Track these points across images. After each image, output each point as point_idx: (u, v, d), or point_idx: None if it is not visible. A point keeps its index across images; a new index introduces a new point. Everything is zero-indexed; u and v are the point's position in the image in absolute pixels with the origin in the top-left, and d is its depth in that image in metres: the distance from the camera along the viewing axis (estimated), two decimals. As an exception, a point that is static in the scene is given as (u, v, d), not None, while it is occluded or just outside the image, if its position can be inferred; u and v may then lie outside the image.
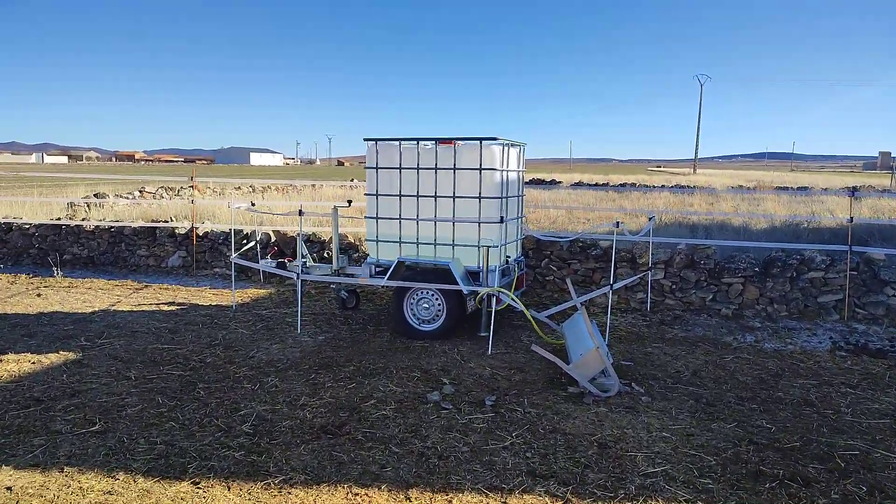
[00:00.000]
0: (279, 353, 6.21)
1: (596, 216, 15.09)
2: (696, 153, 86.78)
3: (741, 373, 5.92)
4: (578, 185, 35.61)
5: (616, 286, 6.91)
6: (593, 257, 8.72)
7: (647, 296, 8.36)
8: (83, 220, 11.50)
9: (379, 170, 7.19)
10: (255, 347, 6.40)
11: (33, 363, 5.82)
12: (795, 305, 8.05)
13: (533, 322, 6.43)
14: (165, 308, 8.07)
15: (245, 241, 10.13)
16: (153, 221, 11.17)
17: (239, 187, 24.36)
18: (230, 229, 10.50)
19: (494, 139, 6.70)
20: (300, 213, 7.05)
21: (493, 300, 6.52)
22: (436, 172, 6.93)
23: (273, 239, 10.21)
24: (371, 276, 7.35)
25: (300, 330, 7.02)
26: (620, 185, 33.46)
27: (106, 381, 5.38)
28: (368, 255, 7.47)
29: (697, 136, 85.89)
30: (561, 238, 7.46)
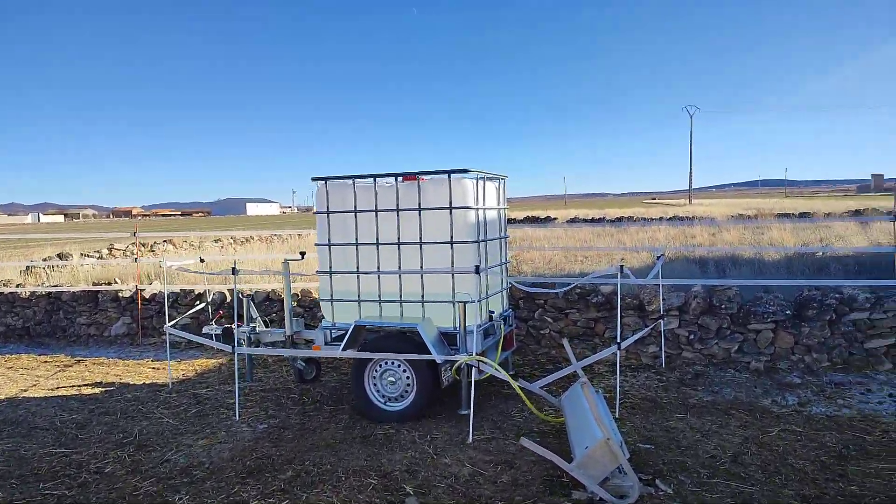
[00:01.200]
0: (203, 454, 4.87)
1: (594, 255, 13.86)
2: (690, 184, 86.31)
3: (794, 454, 4.58)
4: (574, 220, 34.58)
5: (625, 344, 5.63)
6: (594, 305, 7.44)
7: (660, 349, 7.05)
8: (17, 286, 10.24)
9: (331, 214, 5.98)
10: (176, 445, 5.07)
11: None
12: (839, 354, 6.74)
13: (524, 396, 5.11)
14: (87, 391, 6.74)
15: (198, 303, 8.85)
16: (94, 284, 9.90)
17: (218, 239, 23.18)
18: (179, 290, 9.24)
19: (465, 171, 5.52)
20: (234, 271, 5.81)
21: (474, 370, 5.23)
22: (398, 214, 5.72)
23: (228, 299, 8.94)
24: (327, 342, 6.06)
25: (238, 416, 5.68)
26: (617, 219, 32.42)
27: (-43, 512, 4.05)
28: (323, 317, 6.19)
29: (690, 166, 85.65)
30: (549, 290, 6.25)
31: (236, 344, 5.91)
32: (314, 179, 6.03)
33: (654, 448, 4.76)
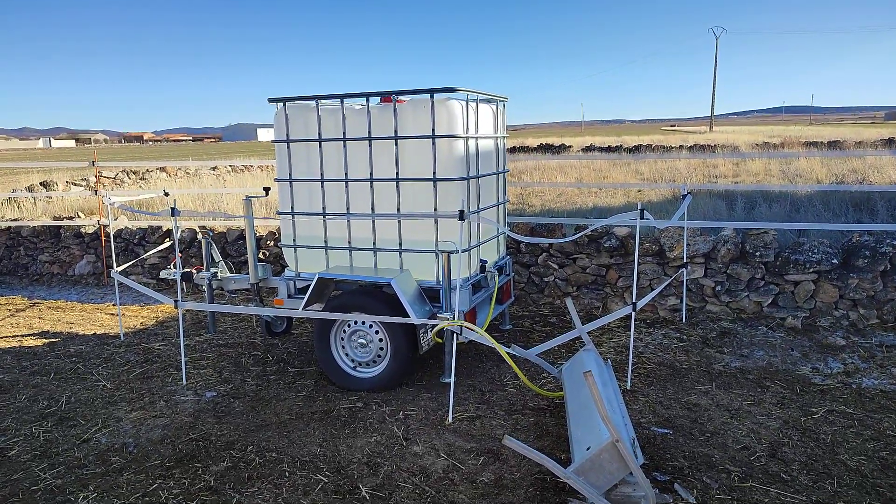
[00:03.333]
0: (131, 432, 4.09)
1: (607, 194, 12.76)
2: (712, 110, 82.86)
3: (846, 447, 3.71)
4: (590, 149, 33.08)
5: (641, 303, 4.69)
6: (607, 250, 6.47)
7: (682, 302, 6.12)
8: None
9: (291, 143, 4.96)
10: (103, 419, 4.28)
11: None
12: (890, 311, 5.77)
13: (516, 368, 4.23)
14: (29, 343, 5.98)
15: (167, 240, 7.99)
16: (55, 218, 9.04)
17: (216, 168, 22.18)
18: (147, 226, 8.36)
19: (452, 90, 4.44)
20: (172, 212, 4.86)
21: (455, 334, 4.34)
22: (370, 144, 4.69)
23: (200, 237, 8.06)
24: (290, 295, 5.18)
25: (185, 381, 4.89)
26: (635, 147, 30.86)
27: None
28: (286, 266, 5.28)
29: (713, 91, 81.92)
30: (553, 240, 5.26)
31: (179, 294, 5.03)
32: (271, 101, 4.98)
33: (673, 434, 3.90)
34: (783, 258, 5.97)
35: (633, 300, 4.50)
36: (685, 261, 6.06)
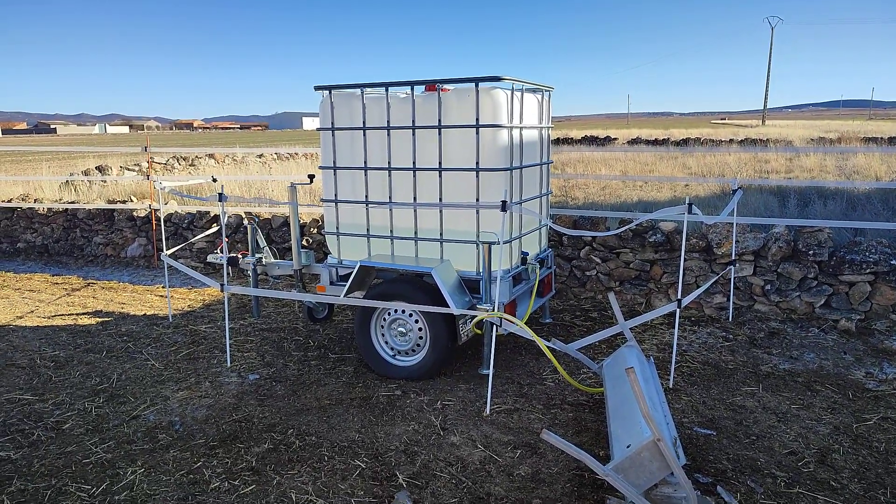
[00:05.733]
0: (177, 411, 4.21)
1: (652, 187, 12.50)
2: (765, 102, 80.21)
3: (902, 456, 3.56)
4: (635, 141, 32.45)
5: (686, 301, 4.57)
6: (651, 245, 6.34)
7: (729, 301, 5.96)
8: (35, 201, 9.80)
9: (336, 132, 5.00)
10: (151, 397, 4.42)
11: None
12: (953, 315, 5.50)
13: (556, 362, 4.19)
14: (83, 322, 6.21)
15: (215, 226, 8.18)
16: (110, 202, 9.34)
17: (261, 155, 22.59)
18: (195, 211, 8.57)
19: (498, 79, 4.39)
20: (220, 197, 4.96)
21: (495, 326, 4.32)
22: (413, 133, 4.69)
23: (245, 223, 8.23)
24: (333, 282, 5.24)
25: (229, 363, 5.00)
26: (683, 140, 30.15)
27: None
28: (329, 253, 5.34)
29: (767, 83, 79.16)
30: (596, 233, 5.14)
31: (225, 278, 5.14)
32: (317, 88, 5.02)
33: (716, 435, 3.81)
34: (838, 258, 5.74)
35: (678, 297, 4.40)
36: (734, 258, 5.89)
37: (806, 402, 4.24)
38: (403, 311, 4.64)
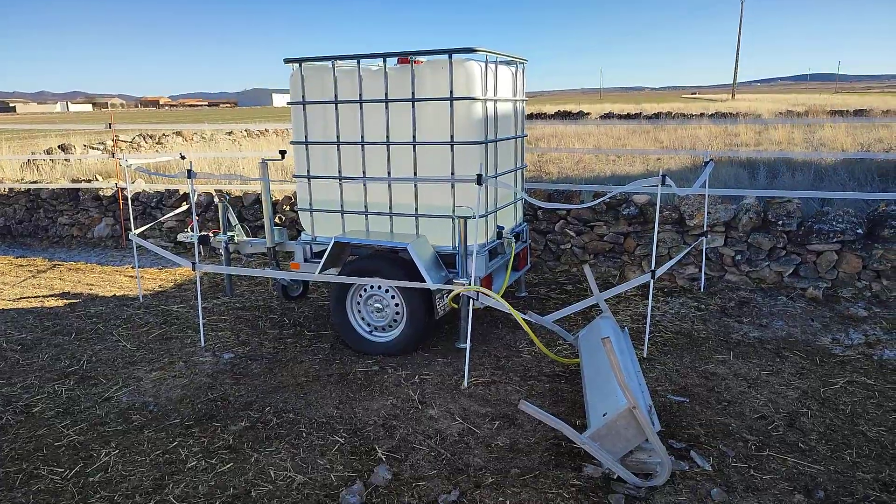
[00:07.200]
0: (150, 391, 4.15)
1: (628, 155, 12.56)
2: (734, 77, 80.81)
3: (865, 418, 3.67)
4: (608, 116, 32.54)
5: (659, 272, 4.63)
6: (625, 218, 6.38)
7: (701, 271, 6.05)
8: (-3, 181, 9.49)
9: (307, 105, 4.90)
10: (124, 378, 4.35)
11: None
12: (916, 281, 5.67)
13: (532, 334, 4.22)
14: (50, 304, 6.06)
15: (184, 204, 8.02)
16: (74, 181, 9.09)
17: (231, 132, 22.14)
18: (164, 189, 8.38)
19: (471, 51, 4.34)
20: (189, 174, 4.84)
21: (471, 300, 4.32)
22: (386, 106, 4.62)
23: (216, 201, 8.07)
24: (307, 259, 5.19)
25: (203, 342, 4.94)
26: (654, 115, 30.31)
27: None
28: (302, 230, 5.27)
29: (737, 57, 79.65)
30: (571, 206, 5.11)
31: (197, 257, 5.04)
32: (287, 61, 4.90)
33: (689, 402, 3.88)
34: (806, 228, 5.85)
35: (652, 268, 4.45)
36: (705, 229, 5.97)
37: (775, 369, 4.34)
38: (379, 287, 4.61)
